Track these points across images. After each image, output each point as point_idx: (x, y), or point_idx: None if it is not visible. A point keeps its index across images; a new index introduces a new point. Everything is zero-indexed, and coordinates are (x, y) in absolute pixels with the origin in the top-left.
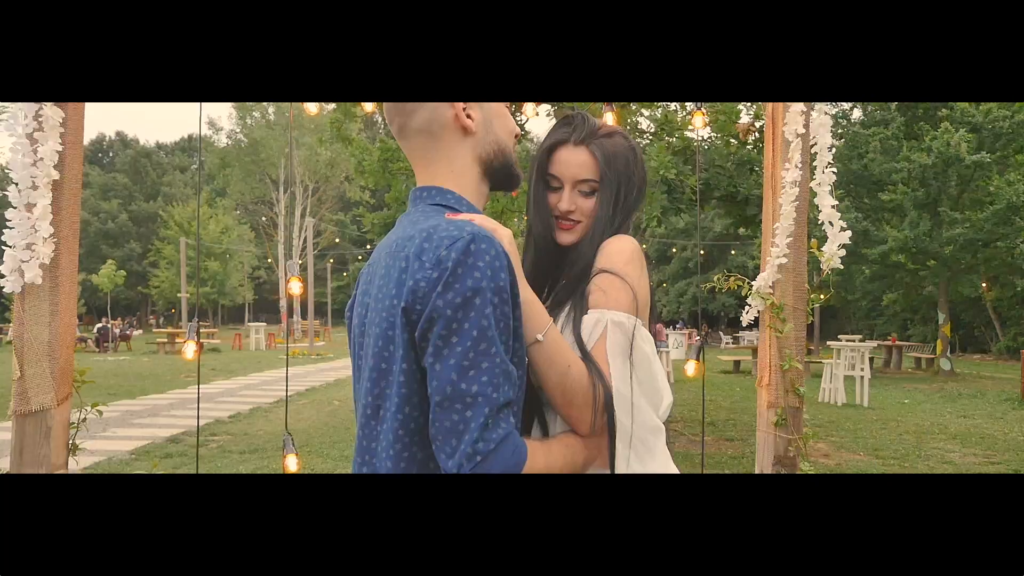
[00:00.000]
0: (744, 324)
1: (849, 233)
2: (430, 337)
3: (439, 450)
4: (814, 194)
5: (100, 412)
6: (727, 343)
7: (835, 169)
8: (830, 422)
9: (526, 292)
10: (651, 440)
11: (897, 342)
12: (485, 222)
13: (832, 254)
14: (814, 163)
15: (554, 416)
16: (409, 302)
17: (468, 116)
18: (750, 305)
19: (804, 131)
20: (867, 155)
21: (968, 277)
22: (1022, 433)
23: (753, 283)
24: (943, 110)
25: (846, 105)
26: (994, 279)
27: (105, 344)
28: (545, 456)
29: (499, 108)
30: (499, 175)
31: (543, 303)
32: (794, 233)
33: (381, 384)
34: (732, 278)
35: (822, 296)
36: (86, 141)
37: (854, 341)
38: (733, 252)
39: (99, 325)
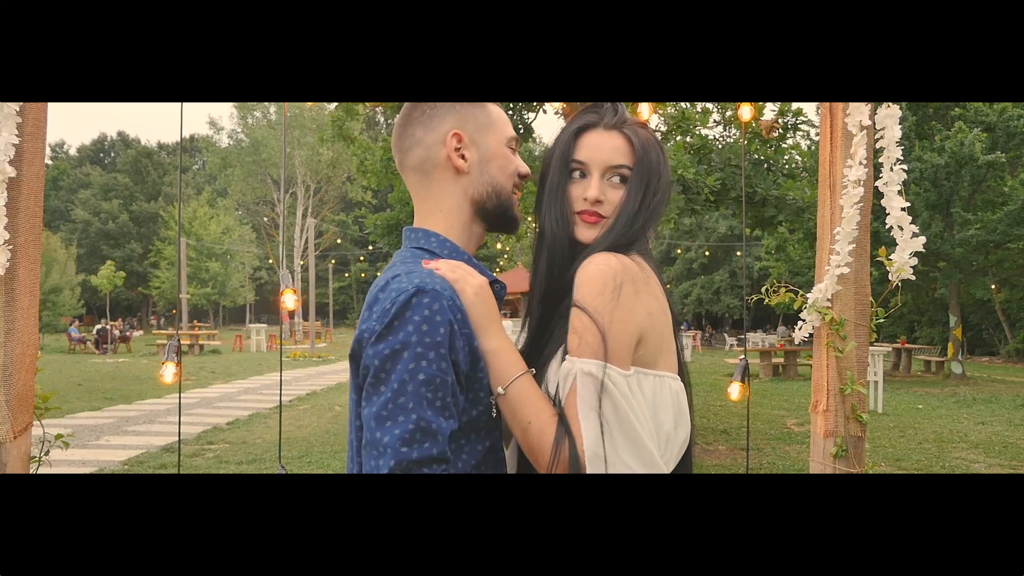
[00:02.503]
0: (796, 341)
1: (923, 239)
2: (365, 386)
3: None
4: (879, 195)
5: (66, 444)
6: (732, 345)
7: (905, 167)
8: None
9: (492, 342)
10: None
11: (906, 344)
12: (450, 272)
13: (903, 263)
14: (879, 159)
15: None
16: (355, 349)
17: (462, 157)
18: (804, 320)
19: (869, 123)
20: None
21: (980, 279)
22: None
23: (808, 295)
24: (956, 109)
25: None
26: (1003, 281)
27: (104, 346)
28: None
29: (498, 150)
30: (492, 217)
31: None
32: (857, 239)
33: (357, 423)
34: (783, 289)
35: (882, 312)
36: (87, 140)
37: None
38: (739, 253)
39: (98, 326)
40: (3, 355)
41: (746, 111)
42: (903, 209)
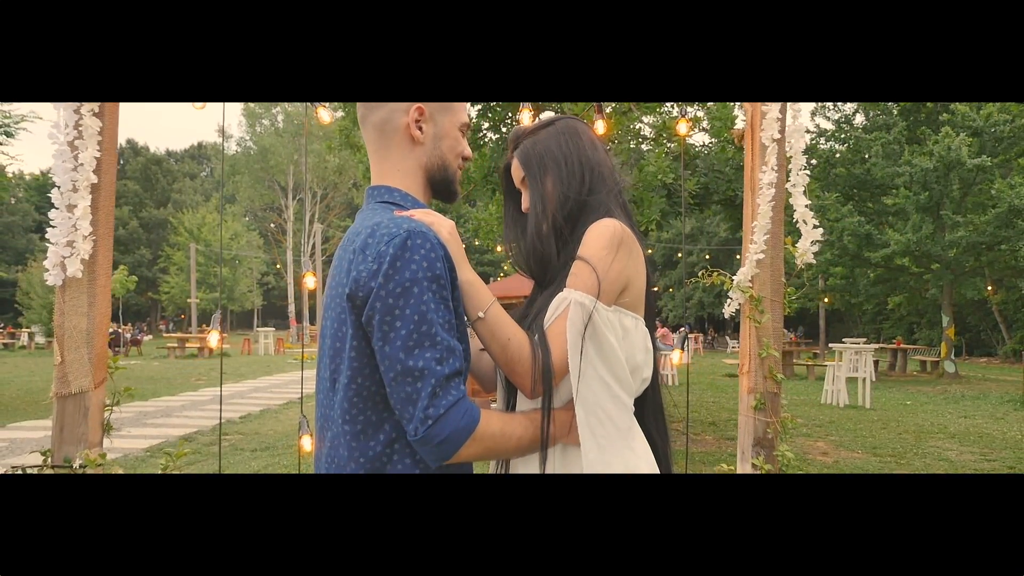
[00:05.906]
0: (726, 316)
1: (821, 231)
2: (375, 323)
3: (401, 418)
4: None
5: (132, 395)
6: (734, 347)
7: (808, 172)
8: (831, 422)
9: (468, 274)
10: (611, 409)
11: (902, 345)
12: (426, 216)
13: (805, 250)
14: (790, 166)
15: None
16: (352, 290)
17: (420, 128)
18: (731, 298)
19: (780, 136)
20: (869, 160)
21: (972, 280)
22: (1021, 432)
23: (734, 278)
24: (944, 114)
25: (848, 110)
26: (998, 282)
27: (116, 349)
28: (502, 423)
29: (451, 131)
30: (439, 187)
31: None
32: (770, 231)
33: (336, 360)
34: (715, 273)
35: (793, 289)
36: None
37: (858, 344)
38: (738, 256)
39: (110, 330)
40: (87, 322)
41: (683, 127)
42: (806, 206)
